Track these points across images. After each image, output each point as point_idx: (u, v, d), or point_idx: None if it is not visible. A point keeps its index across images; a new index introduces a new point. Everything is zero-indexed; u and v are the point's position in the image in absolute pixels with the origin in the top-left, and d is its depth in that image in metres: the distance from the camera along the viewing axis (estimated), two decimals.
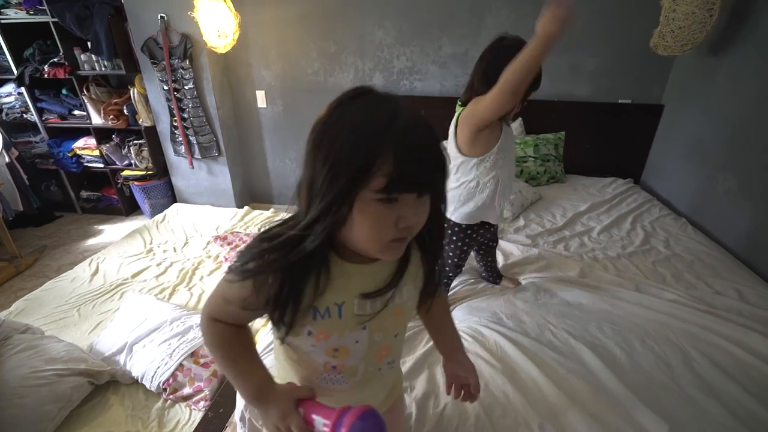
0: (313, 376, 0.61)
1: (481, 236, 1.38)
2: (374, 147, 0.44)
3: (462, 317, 1.35)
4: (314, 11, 2.50)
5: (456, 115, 1.22)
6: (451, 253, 1.38)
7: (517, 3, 2.31)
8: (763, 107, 1.71)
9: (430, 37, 2.46)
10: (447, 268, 1.44)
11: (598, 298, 1.41)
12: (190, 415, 1.32)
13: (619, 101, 2.49)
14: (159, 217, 2.69)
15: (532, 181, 2.43)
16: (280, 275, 0.50)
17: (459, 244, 1.35)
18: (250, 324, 0.60)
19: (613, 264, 1.65)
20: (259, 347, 1.18)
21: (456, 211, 1.29)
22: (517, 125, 2.52)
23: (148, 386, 1.38)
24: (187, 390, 1.36)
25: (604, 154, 2.59)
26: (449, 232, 1.33)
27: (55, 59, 2.63)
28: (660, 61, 2.26)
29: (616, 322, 1.29)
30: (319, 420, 0.49)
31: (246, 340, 0.58)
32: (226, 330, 0.56)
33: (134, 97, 2.71)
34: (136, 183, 2.93)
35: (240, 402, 1.04)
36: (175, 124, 2.73)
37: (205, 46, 2.39)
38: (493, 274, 1.55)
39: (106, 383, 1.42)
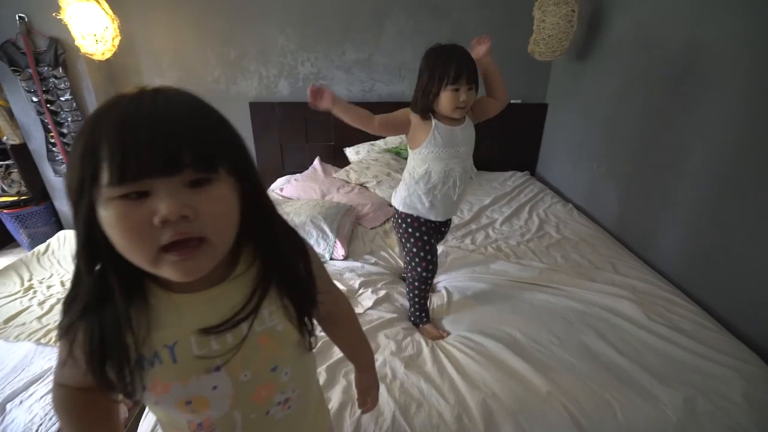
0: None
1: (430, 230, 1.36)
2: (94, 132, 0.37)
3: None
4: (209, 15, 2.37)
5: None
6: (408, 245, 1.37)
7: (413, 10, 2.42)
8: (620, 103, 2.01)
9: (333, 42, 2.48)
10: (414, 265, 1.37)
11: (502, 289, 1.54)
12: None
13: (511, 101, 2.74)
14: (41, 248, 2.33)
15: None
16: (86, 324, 0.42)
17: (416, 234, 1.35)
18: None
19: (513, 252, 1.81)
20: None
21: (403, 201, 1.34)
22: None
23: None
24: None
25: (504, 149, 2.84)
26: (401, 225, 1.37)
27: None
28: (540, 65, 2.53)
29: (517, 309, 1.41)
30: None
31: (99, 405, 0.50)
32: (72, 394, 0.49)
33: None
34: (5, 211, 2.51)
35: None
36: (53, 140, 2.40)
37: (80, 51, 2.13)
38: (419, 310, 1.41)
39: None
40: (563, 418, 0.99)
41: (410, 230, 1.35)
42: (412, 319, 1.41)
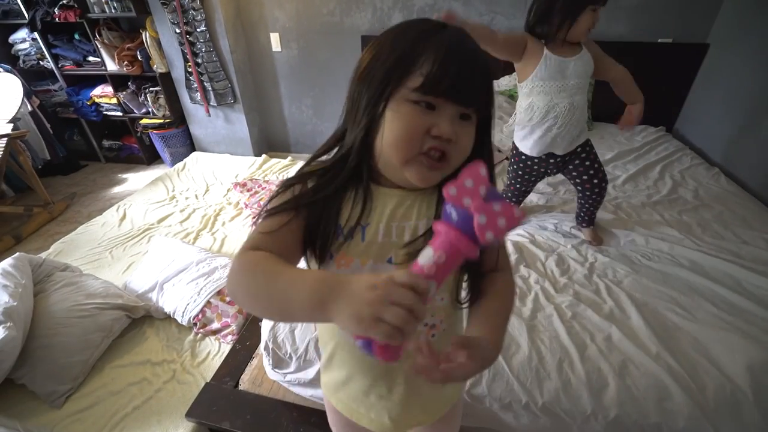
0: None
1: (539, 165, 1.40)
2: (416, 45, 0.44)
3: None
4: None
5: None
6: (510, 175, 1.50)
7: None
8: None
9: None
10: (507, 192, 1.53)
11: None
12: (219, 347, 1.42)
13: (659, 41, 2.30)
14: (179, 165, 2.73)
15: None
16: (322, 195, 0.49)
17: (514, 165, 1.45)
18: None
19: (636, 213, 1.61)
20: None
21: (514, 133, 1.42)
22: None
23: (179, 321, 1.48)
24: (215, 325, 1.44)
25: None
26: (511, 150, 1.46)
27: (64, 1, 2.56)
28: None
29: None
30: (423, 256, 0.36)
31: (282, 261, 0.45)
32: (262, 254, 0.45)
33: (147, 41, 2.64)
34: (155, 131, 2.94)
35: (264, 334, 1.10)
36: (190, 69, 2.68)
37: None
38: (581, 214, 1.45)
39: (141, 318, 1.52)
40: (674, 386, 0.91)
41: (511, 161, 1.45)
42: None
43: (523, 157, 1.39)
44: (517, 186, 1.49)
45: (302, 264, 0.53)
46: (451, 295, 0.54)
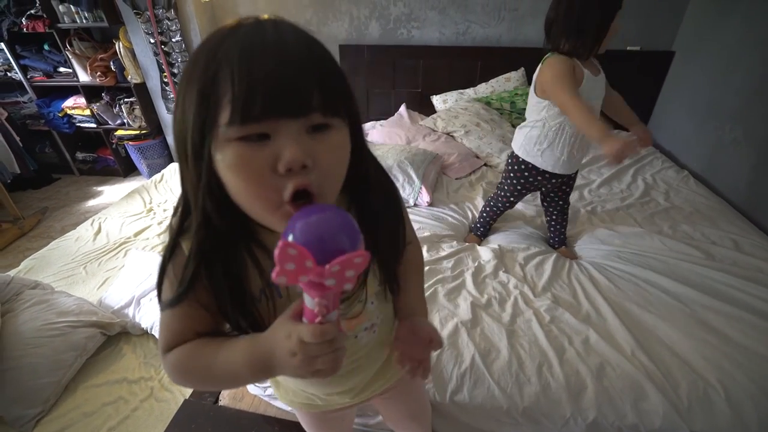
0: None
1: (540, 182, 1.34)
2: (208, 66, 0.34)
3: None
4: None
5: (544, 58, 1.18)
6: (505, 186, 1.42)
7: None
8: None
9: None
10: (497, 200, 1.47)
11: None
12: None
13: (628, 48, 2.38)
14: (157, 176, 2.67)
15: None
16: (212, 268, 0.42)
17: (514, 179, 1.37)
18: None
19: (610, 217, 1.65)
20: None
21: (521, 145, 1.32)
22: (519, 75, 2.43)
23: (157, 336, 1.44)
24: None
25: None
26: (510, 164, 1.39)
27: (32, 11, 2.49)
28: (672, 3, 2.13)
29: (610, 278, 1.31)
30: (307, 299, 0.36)
31: (209, 340, 0.45)
32: (186, 347, 0.45)
33: (120, 51, 2.59)
34: (131, 143, 2.88)
35: None
36: (166, 80, 2.64)
37: None
38: (554, 236, 1.51)
39: (117, 334, 1.48)
40: (649, 386, 0.93)
41: (512, 174, 1.37)
42: (472, 226, 1.61)
43: (528, 168, 1.31)
44: (509, 197, 1.44)
45: None
46: (377, 295, 0.54)
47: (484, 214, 1.54)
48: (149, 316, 1.46)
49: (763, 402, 0.92)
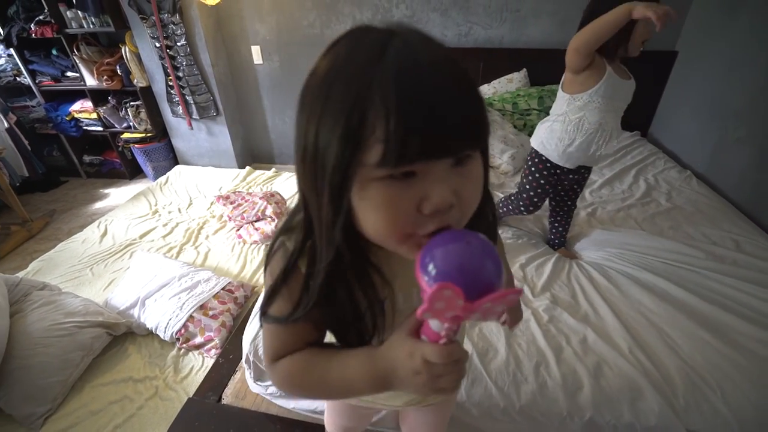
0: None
1: (558, 178, 1.35)
2: (358, 99, 0.30)
3: None
4: None
5: None
6: (527, 186, 1.41)
7: None
8: None
9: None
10: (518, 203, 1.46)
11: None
12: (203, 361, 1.41)
13: None
14: (162, 179, 2.71)
15: None
16: (329, 298, 0.41)
17: (536, 175, 1.37)
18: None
19: (610, 218, 1.65)
20: None
21: (540, 141, 1.33)
22: (521, 76, 2.43)
23: (162, 336, 1.47)
24: (198, 339, 1.44)
25: None
26: (529, 160, 1.39)
27: (41, 17, 2.54)
28: (675, 3, 2.12)
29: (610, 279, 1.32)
30: (433, 323, 0.34)
31: (322, 349, 0.46)
32: (297, 356, 0.45)
33: (126, 55, 2.63)
34: (136, 146, 2.92)
35: (246, 347, 1.10)
36: (171, 83, 2.68)
37: None
38: (555, 237, 1.52)
39: (123, 334, 1.50)
40: (646, 385, 0.94)
41: (533, 169, 1.37)
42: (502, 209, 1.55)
43: (549, 165, 1.33)
44: (533, 197, 1.41)
45: None
46: None
47: (506, 209, 1.52)
48: (154, 316, 1.49)
49: (761, 404, 0.92)
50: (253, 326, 1.13)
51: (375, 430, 1.06)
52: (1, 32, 2.59)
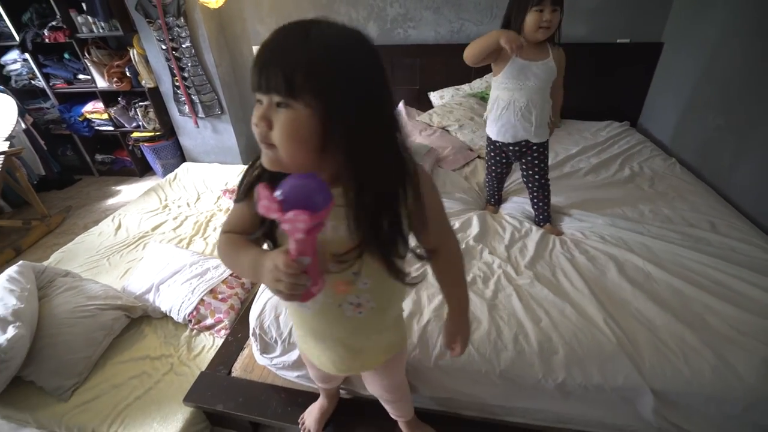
0: None
1: (501, 151, 1.60)
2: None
3: None
4: None
5: None
6: (486, 160, 1.70)
7: None
8: (758, 39, 1.70)
9: None
10: (486, 170, 1.73)
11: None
12: (213, 341, 1.53)
13: (618, 41, 2.45)
14: (171, 176, 2.84)
15: None
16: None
17: (487, 150, 1.67)
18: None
19: (594, 201, 1.74)
20: None
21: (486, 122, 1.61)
22: None
23: (175, 318, 1.58)
24: (209, 321, 1.55)
25: (601, 97, 2.59)
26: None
27: (54, 23, 2.67)
28: None
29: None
30: (290, 242, 0.47)
31: (245, 239, 0.62)
32: (230, 236, 0.64)
33: (134, 58, 2.75)
34: (146, 144, 3.04)
35: (252, 321, 1.22)
36: (177, 83, 2.79)
37: (197, 1, 2.39)
38: (538, 214, 1.63)
39: (140, 317, 1.62)
40: (616, 350, 1.04)
41: (486, 146, 1.66)
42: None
43: (490, 141, 1.61)
44: (493, 168, 1.68)
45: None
46: (375, 280, 0.63)
47: (485, 185, 1.80)
48: (167, 300, 1.61)
49: (717, 365, 1.01)
50: (258, 304, 1.24)
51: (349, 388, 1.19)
52: (17, 38, 2.71)
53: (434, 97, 2.63)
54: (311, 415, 1.15)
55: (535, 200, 1.62)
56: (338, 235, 0.56)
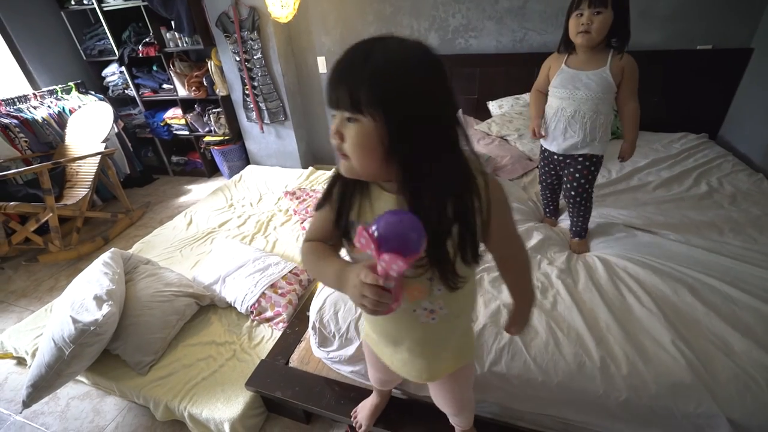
0: None
1: (551, 162, 1.56)
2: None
3: None
4: None
5: None
6: (539, 169, 1.68)
7: None
8: None
9: None
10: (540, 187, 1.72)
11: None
12: (272, 333, 1.62)
13: (698, 47, 2.29)
14: (236, 177, 3.05)
15: None
16: (338, 198, 0.64)
17: (539, 159, 1.64)
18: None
19: (664, 217, 1.63)
20: None
21: None
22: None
23: (239, 309, 1.70)
24: (269, 313, 1.65)
25: (676, 107, 2.43)
26: None
27: (147, 39, 3.00)
28: None
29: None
30: (378, 267, 0.49)
31: (328, 248, 0.67)
32: (314, 244, 0.68)
33: (211, 69, 3.01)
34: (215, 147, 3.31)
35: (312, 315, 1.28)
36: (247, 92, 3.01)
37: (270, 17, 2.58)
38: (571, 226, 1.57)
39: (207, 306, 1.76)
40: (690, 377, 0.97)
41: (539, 155, 1.63)
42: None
43: (541, 149, 1.59)
44: (544, 178, 1.64)
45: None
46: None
47: (540, 195, 1.76)
48: (232, 292, 1.73)
49: None
50: (319, 299, 1.30)
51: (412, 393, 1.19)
52: (117, 53, 3.08)
53: (493, 106, 2.61)
54: (363, 410, 1.18)
55: (571, 213, 1.55)
56: None
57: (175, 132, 3.42)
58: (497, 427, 1.14)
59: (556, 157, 1.51)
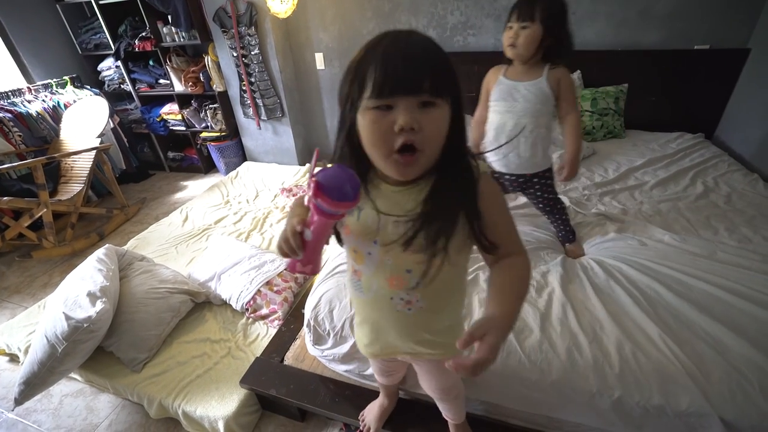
0: (350, 278, 0.75)
1: (505, 189, 1.46)
2: (362, 62, 0.53)
3: None
4: None
5: None
6: None
7: None
8: None
9: None
10: None
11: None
12: (267, 330, 1.62)
13: (695, 47, 2.30)
14: (233, 173, 3.04)
15: (587, 136, 2.37)
16: None
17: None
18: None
19: (660, 216, 1.64)
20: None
21: None
22: (575, 78, 2.43)
23: (234, 306, 1.70)
24: (264, 311, 1.65)
25: (673, 107, 2.43)
26: None
27: (143, 33, 2.97)
28: None
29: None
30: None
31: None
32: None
33: (208, 64, 2.99)
34: (212, 143, 3.29)
35: (307, 313, 1.28)
36: (244, 88, 3.00)
37: (268, 12, 2.56)
38: (558, 233, 1.52)
39: (202, 303, 1.76)
40: (681, 375, 0.97)
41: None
42: None
43: (495, 177, 1.37)
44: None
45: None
46: (417, 264, 0.63)
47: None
48: (227, 289, 1.73)
49: None
50: (314, 296, 1.30)
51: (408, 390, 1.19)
52: (113, 47, 3.05)
53: None
54: (371, 413, 1.17)
55: (552, 221, 1.52)
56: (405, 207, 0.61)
57: (171, 127, 3.39)
58: (490, 424, 1.15)
59: (508, 178, 1.42)
